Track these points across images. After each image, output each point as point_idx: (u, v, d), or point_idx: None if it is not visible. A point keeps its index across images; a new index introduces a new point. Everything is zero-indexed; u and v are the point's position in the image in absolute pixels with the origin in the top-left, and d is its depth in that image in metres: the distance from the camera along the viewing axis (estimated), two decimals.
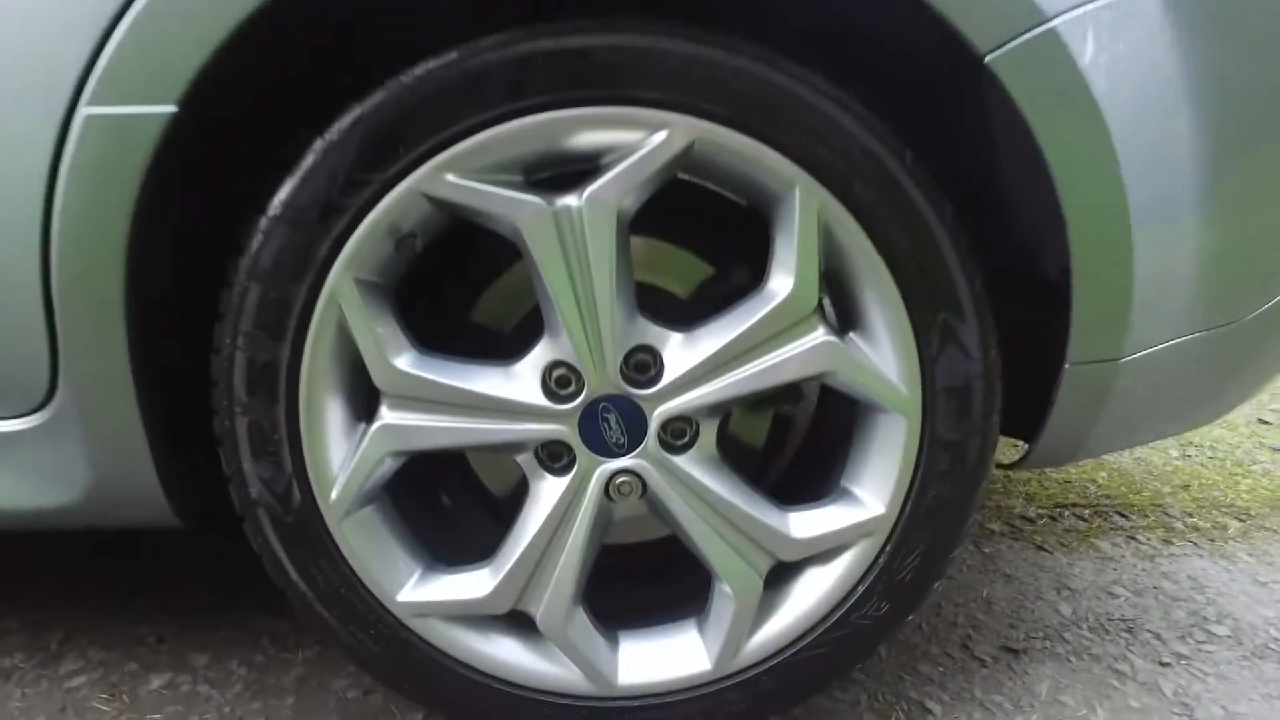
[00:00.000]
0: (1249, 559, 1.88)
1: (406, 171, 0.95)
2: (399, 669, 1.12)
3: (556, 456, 1.07)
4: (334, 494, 1.04)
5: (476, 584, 1.10)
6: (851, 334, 1.07)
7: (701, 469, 1.08)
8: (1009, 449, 2.27)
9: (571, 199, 0.97)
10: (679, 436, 1.07)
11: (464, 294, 1.20)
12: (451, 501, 1.32)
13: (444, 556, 1.14)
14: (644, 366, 1.04)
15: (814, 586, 1.14)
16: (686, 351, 1.04)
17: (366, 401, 1.05)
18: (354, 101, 0.93)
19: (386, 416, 1.03)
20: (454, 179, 0.95)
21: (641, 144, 0.96)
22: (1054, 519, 2.13)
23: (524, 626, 1.12)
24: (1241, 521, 2.13)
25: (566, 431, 1.04)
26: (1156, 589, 1.78)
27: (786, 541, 1.10)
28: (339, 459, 1.04)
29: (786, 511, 1.12)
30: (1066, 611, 1.68)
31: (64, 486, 1.08)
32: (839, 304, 1.09)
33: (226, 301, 0.99)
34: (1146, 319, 1.03)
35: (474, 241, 1.11)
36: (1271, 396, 3.10)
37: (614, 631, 1.16)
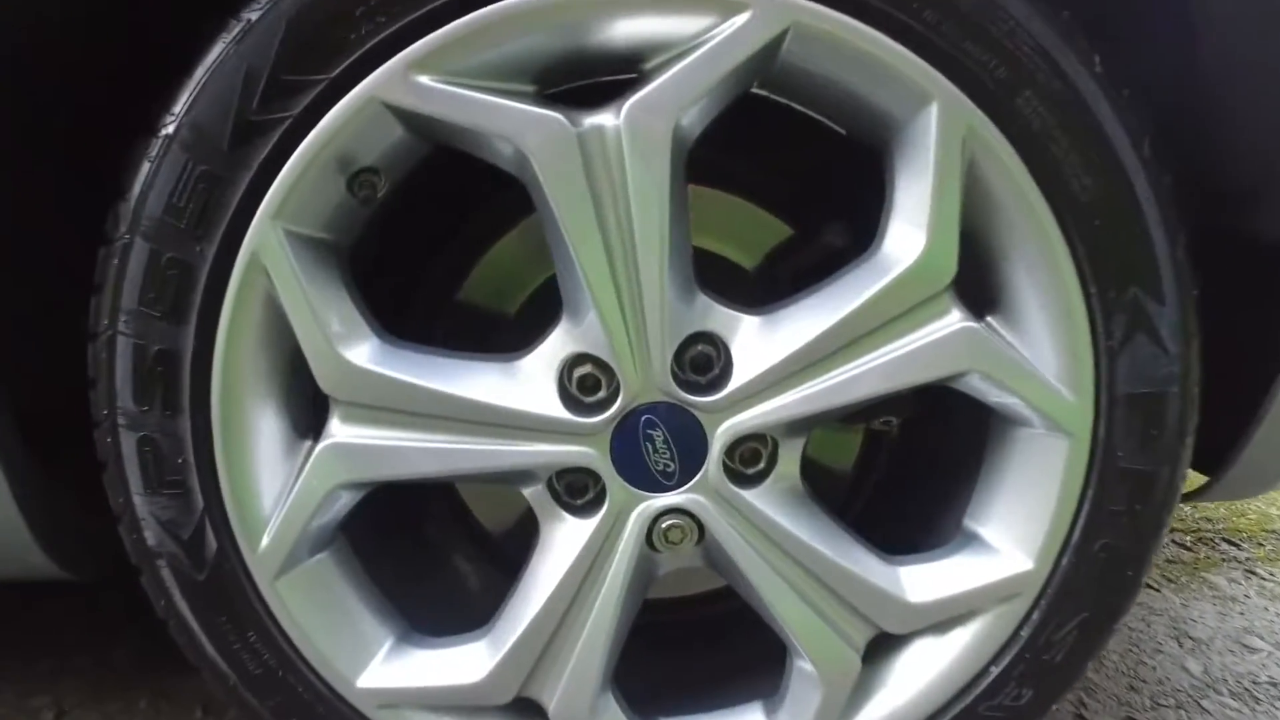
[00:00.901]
0: None
1: (360, 71, 0.77)
2: None
3: (579, 490, 0.92)
4: (265, 541, 0.88)
5: (467, 663, 0.94)
6: (990, 318, 0.90)
7: (780, 508, 0.91)
8: None
9: (606, 116, 0.80)
10: (751, 463, 0.91)
11: (449, 262, 1.06)
12: (435, 538, 1.16)
13: (423, 620, 0.99)
14: (704, 364, 0.88)
15: (928, 665, 0.97)
16: (764, 343, 0.88)
17: (311, 411, 0.90)
18: None
19: (337, 433, 0.87)
20: (431, 82, 0.78)
21: (710, 33, 0.78)
22: None
23: None
24: None
25: (594, 455, 0.88)
26: None
27: (897, 607, 0.93)
28: (272, 492, 0.88)
29: (895, 565, 0.95)
30: (1197, 670, 1.50)
31: None
32: (971, 277, 0.90)
33: (103, 265, 0.82)
34: None
35: (464, 185, 0.97)
36: None
37: None
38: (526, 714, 0.96)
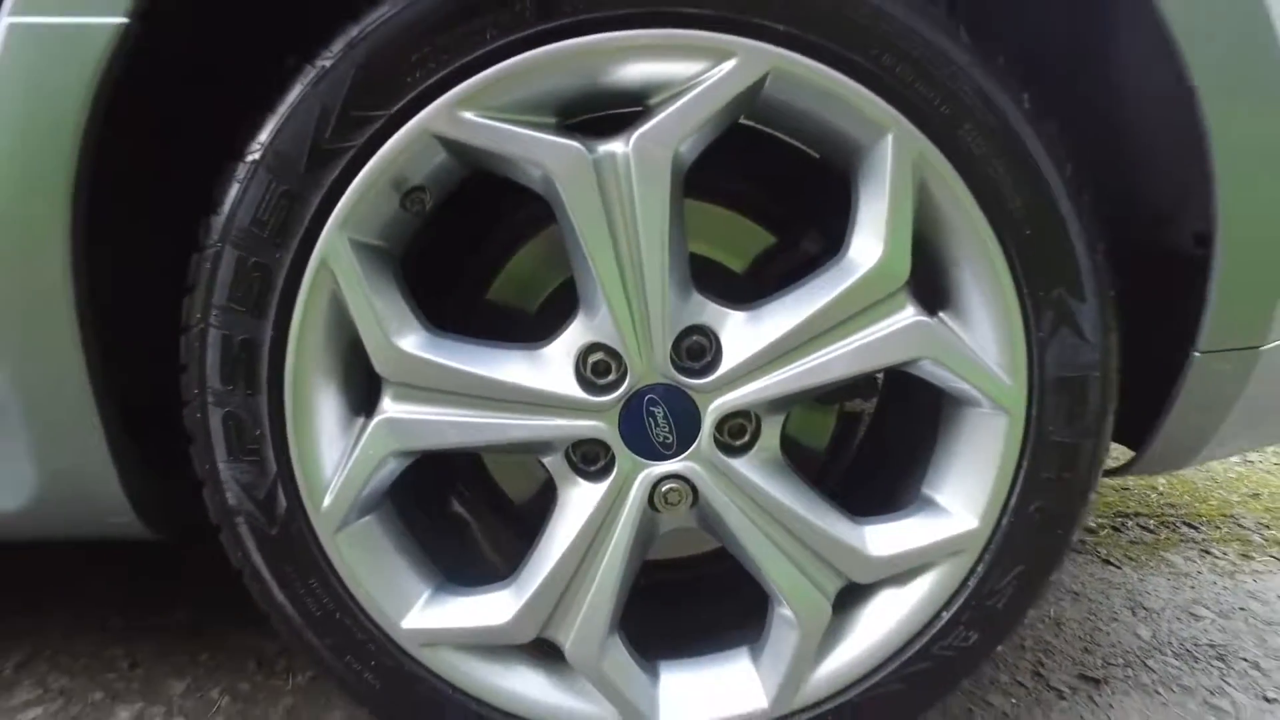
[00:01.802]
0: None
1: (415, 107, 0.84)
2: (404, 707, 1.02)
3: (592, 458, 0.97)
4: (327, 501, 0.94)
5: (495, 608, 1.00)
6: (941, 314, 0.96)
7: (763, 474, 0.97)
8: None
9: (617, 144, 0.87)
10: (738, 435, 0.97)
11: (480, 265, 1.10)
12: (465, 508, 1.21)
13: (457, 575, 1.05)
14: (698, 351, 0.94)
15: (889, 612, 1.04)
16: (749, 334, 0.94)
17: (366, 391, 0.95)
18: (350, 19, 0.83)
19: (389, 409, 0.93)
20: (473, 117, 0.85)
21: (704, 76, 0.85)
22: (1117, 530, 1.99)
23: (551, 658, 1.03)
24: None
25: (604, 428, 0.94)
26: (1244, 610, 1.63)
27: (862, 560, 1.00)
28: (333, 460, 0.94)
29: (861, 525, 1.01)
30: (1146, 634, 1.55)
31: (6, 490, 0.96)
32: (924, 278, 0.96)
33: (196, 269, 0.88)
34: None
35: (494, 200, 1.02)
36: None
37: (653, 662, 1.06)
38: (544, 653, 1.02)
